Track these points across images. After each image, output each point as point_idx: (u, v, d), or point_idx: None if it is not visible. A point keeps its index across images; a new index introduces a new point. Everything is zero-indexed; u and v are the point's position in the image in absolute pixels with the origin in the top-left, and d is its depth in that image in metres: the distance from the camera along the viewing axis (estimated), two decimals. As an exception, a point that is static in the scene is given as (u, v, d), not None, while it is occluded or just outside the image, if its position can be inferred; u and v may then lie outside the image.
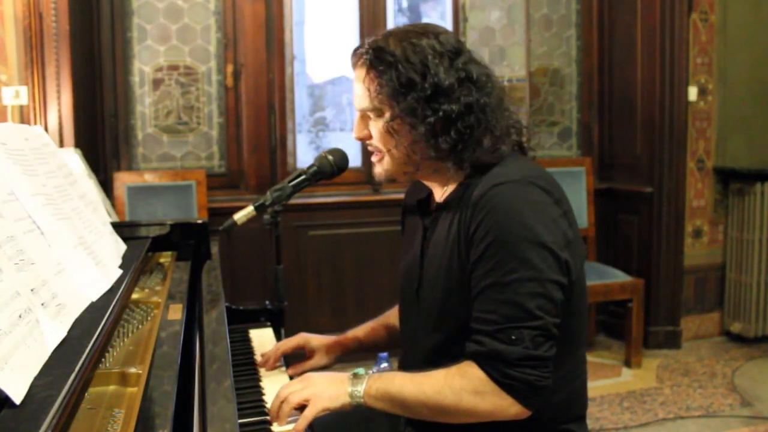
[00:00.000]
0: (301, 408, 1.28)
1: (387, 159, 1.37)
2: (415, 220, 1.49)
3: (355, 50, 1.36)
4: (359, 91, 1.35)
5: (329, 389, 1.28)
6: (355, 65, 1.35)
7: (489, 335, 1.20)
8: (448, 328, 1.29)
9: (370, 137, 1.37)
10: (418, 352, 1.40)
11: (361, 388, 1.27)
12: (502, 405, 1.20)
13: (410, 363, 1.41)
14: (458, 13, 3.97)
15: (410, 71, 1.28)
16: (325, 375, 1.33)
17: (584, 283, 1.33)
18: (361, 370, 1.33)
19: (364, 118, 1.37)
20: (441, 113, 1.27)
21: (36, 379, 0.79)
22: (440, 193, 1.40)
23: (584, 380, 1.40)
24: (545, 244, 1.20)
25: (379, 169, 1.40)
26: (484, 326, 1.21)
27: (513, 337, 1.18)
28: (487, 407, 1.20)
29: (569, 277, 1.24)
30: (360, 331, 1.69)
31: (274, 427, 1.27)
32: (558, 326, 1.21)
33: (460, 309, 1.26)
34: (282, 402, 1.29)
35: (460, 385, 1.21)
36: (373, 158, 1.41)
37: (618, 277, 3.68)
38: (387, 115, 1.32)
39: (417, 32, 1.32)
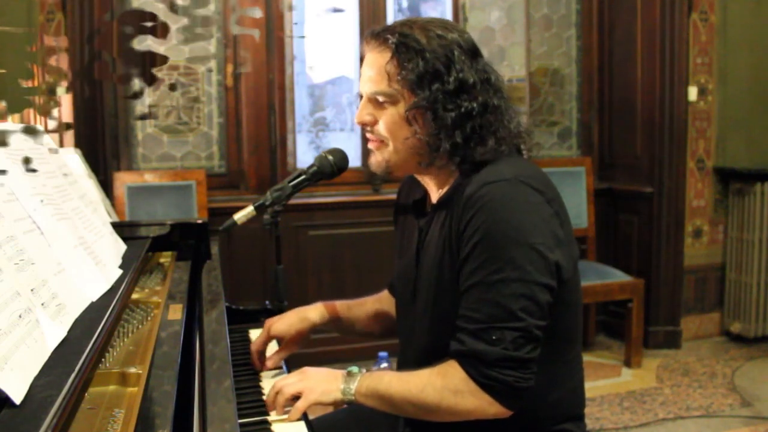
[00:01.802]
0: (296, 400, 1.31)
1: (390, 148, 1.34)
2: (411, 221, 1.48)
3: (375, 33, 1.33)
4: (373, 74, 1.32)
5: (323, 384, 1.31)
6: (372, 48, 1.32)
7: (471, 334, 1.20)
8: (442, 327, 1.29)
9: (373, 123, 1.34)
10: (414, 351, 1.40)
11: (353, 386, 1.30)
12: (482, 404, 1.20)
13: (407, 362, 1.42)
14: (458, 13, 3.97)
15: (437, 62, 1.27)
16: (321, 370, 1.36)
17: (578, 282, 1.33)
18: (355, 369, 1.35)
19: (372, 102, 1.34)
20: (462, 109, 1.27)
21: (36, 379, 0.79)
22: (436, 193, 1.39)
23: (581, 379, 1.40)
24: (533, 245, 1.19)
25: (379, 158, 1.36)
26: (467, 325, 1.21)
27: (494, 338, 1.18)
28: (467, 406, 1.21)
29: (560, 277, 1.23)
30: (338, 308, 1.70)
31: (274, 427, 1.28)
32: (544, 328, 1.21)
33: (452, 308, 1.26)
34: (277, 393, 1.32)
35: (441, 383, 1.22)
36: (371, 145, 1.37)
37: (618, 277, 3.68)
38: (403, 103, 1.30)
39: (441, 26, 1.32)
